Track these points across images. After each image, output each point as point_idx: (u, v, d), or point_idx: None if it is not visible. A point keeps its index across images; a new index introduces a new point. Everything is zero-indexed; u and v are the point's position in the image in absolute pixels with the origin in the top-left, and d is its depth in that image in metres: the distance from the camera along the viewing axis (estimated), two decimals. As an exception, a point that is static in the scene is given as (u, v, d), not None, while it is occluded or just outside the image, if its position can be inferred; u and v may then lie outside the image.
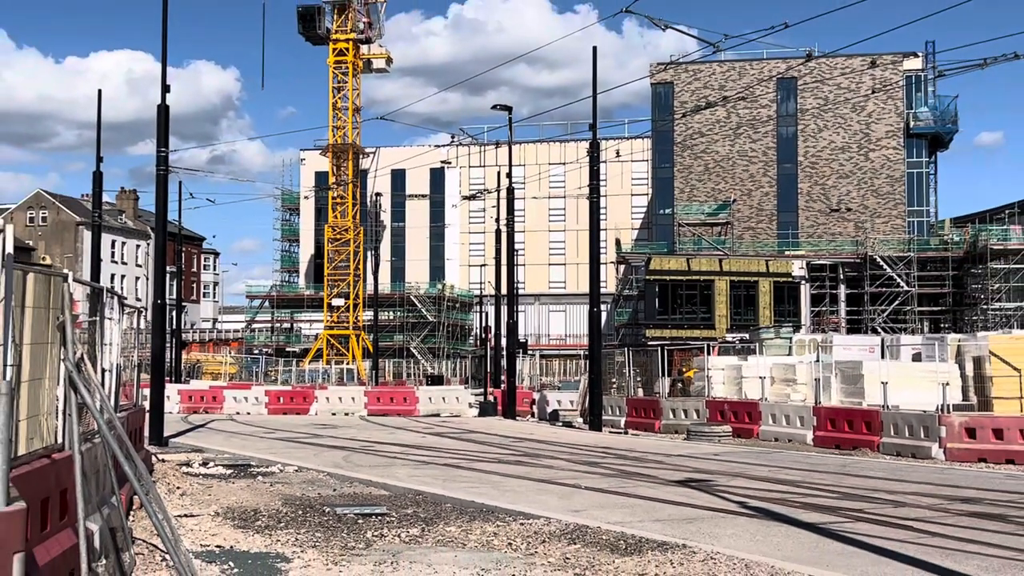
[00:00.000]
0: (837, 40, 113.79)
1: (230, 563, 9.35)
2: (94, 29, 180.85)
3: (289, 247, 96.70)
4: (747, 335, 50.10)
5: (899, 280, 67.64)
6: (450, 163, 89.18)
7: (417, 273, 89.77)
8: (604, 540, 10.53)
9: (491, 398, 40.55)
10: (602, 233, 36.96)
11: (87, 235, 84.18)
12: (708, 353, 33.13)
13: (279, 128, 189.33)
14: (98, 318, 10.27)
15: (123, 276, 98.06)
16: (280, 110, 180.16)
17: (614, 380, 36.78)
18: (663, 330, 62.35)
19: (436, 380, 61.59)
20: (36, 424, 7.54)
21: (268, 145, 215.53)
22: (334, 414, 38.79)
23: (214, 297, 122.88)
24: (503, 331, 42.76)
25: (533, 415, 39.75)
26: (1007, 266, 66.01)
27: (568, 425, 33.89)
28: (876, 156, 72.76)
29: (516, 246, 43.78)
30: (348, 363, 70.42)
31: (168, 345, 34.83)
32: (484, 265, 74.75)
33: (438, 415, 38.65)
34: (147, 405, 21.18)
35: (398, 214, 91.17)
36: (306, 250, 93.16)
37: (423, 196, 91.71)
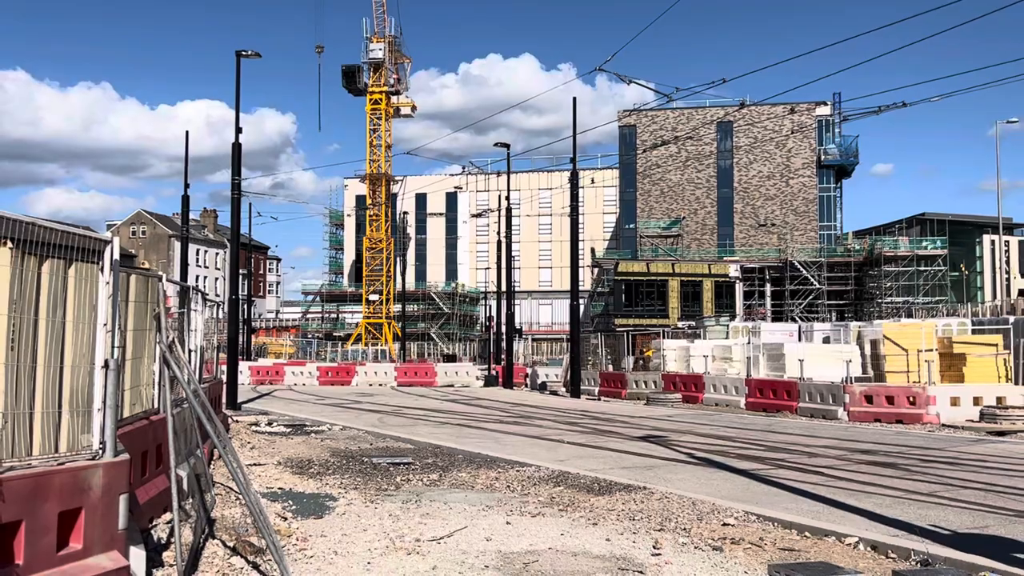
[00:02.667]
0: (764, 92, 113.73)
1: (289, 501, 9.35)
2: (181, 83, 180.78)
3: (335, 254, 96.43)
4: (694, 323, 50.11)
5: (812, 280, 67.56)
6: (461, 188, 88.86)
7: (435, 274, 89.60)
8: (582, 483, 10.54)
9: (493, 372, 40.47)
10: (580, 243, 36.96)
11: (177, 245, 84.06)
12: (663, 337, 33.13)
13: (327, 161, 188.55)
14: (186, 310, 10.27)
15: (205, 277, 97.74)
16: (327, 146, 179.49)
17: (590, 358, 36.77)
18: (628, 319, 62.31)
19: (450, 358, 61.42)
20: (137, 393, 7.54)
21: (318, 174, 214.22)
22: (371, 385, 38.77)
23: (276, 293, 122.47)
24: (503, 320, 42.69)
25: (527, 386, 39.73)
26: (896, 269, 65.93)
27: (554, 393, 33.90)
28: (794, 183, 72.65)
29: (513, 253, 43.74)
30: (382, 345, 70.24)
31: (240, 331, 34.77)
32: (488, 268, 74.55)
33: (452, 386, 38.63)
34: (224, 378, 21.19)
35: (421, 228, 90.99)
36: (348, 256, 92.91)
37: (440, 214, 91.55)
